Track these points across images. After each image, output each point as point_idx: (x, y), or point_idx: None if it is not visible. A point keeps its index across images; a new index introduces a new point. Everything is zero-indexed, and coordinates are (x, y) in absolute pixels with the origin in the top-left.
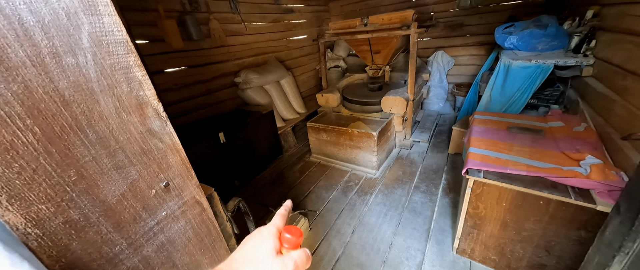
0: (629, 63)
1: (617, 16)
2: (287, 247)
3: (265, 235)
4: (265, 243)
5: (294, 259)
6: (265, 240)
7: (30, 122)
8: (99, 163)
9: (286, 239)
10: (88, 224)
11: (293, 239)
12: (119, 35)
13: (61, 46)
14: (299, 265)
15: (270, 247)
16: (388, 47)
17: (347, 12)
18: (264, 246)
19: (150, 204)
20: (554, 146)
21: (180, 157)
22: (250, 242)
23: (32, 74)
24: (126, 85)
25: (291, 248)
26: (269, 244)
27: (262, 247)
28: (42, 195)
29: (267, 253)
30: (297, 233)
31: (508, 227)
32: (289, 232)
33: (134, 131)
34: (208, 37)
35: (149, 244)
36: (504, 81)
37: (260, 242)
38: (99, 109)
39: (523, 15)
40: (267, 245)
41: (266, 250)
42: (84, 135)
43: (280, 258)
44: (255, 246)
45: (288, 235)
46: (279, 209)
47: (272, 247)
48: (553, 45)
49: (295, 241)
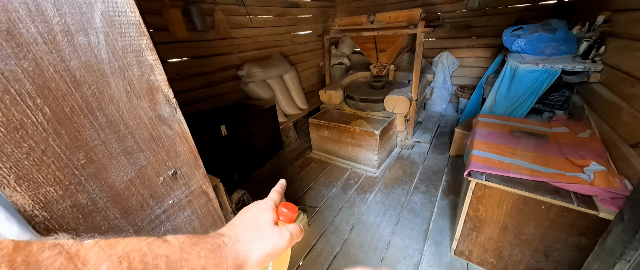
0: (639, 71)
1: (629, 22)
2: (283, 220)
3: (264, 207)
4: (264, 213)
5: (290, 230)
6: (264, 211)
7: (41, 102)
8: (108, 147)
9: (283, 213)
10: (96, 209)
11: (289, 213)
12: (131, 16)
13: (73, 24)
14: (294, 235)
15: (269, 217)
16: (393, 46)
17: (353, 9)
18: (263, 216)
19: (158, 192)
20: (557, 152)
21: (188, 146)
22: (249, 212)
23: (43, 51)
24: (137, 68)
25: (287, 221)
26: (267, 214)
27: (261, 216)
28: (51, 178)
29: (266, 222)
30: (293, 209)
31: (508, 231)
32: (286, 207)
33: (143, 116)
34: (212, 28)
35: (154, 232)
36: (509, 84)
37: (260, 212)
38: (109, 92)
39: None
40: (266, 215)
41: (265, 220)
42: (94, 118)
43: (278, 228)
44: (255, 214)
45: (285, 209)
46: (275, 186)
47: (270, 218)
48: (561, 49)
49: (291, 215)
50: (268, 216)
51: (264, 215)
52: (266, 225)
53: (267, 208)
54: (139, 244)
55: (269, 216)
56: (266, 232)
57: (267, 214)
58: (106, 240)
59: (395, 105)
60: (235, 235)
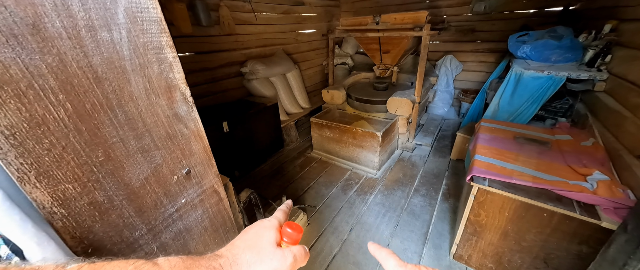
0: None
1: (636, 32)
2: (287, 241)
3: (267, 226)
4: (266, 233)
5: (294, 253)
6: (266, 231)
7: (63, 98)
8: (126, 145)
9: (287, 233)
10: (112, 207)
11: (294, 234)
12: (153, 12)
13: (97, 20)
14: (297, 259)
15: (272, 237)
16: (398, 48)
17: (357, 9)
18: (265, 236)
19: (172, 190)
20: (560, 159)
21: (203, 145)
22: (251, 231)
23: (67, 46)
24: (157, 66)
25: (291, 243)
26: (270, 234)
27: (263, 236)
28: (70, 174)
29: (268, 243)
30: (298, 229)
31: (508, 237)
32: (291, 227)
33: (161, 114)
34: (217, 24)
35: (167, 230)
36: (514, 90)
37: (262, 231)
38: (129, 89)
39: (537, 25)
40: (269, 235)
41: (267, 240)
42: (113, 115)
43: (281, 249)
44: (256, 234)
45: (289, 229)
46: (281, 205)
47: (273, 238)
48: (567, 57)
49: (295, 236)
50: (270, 236)
51: (266, 234)
52: (268, 246)
53: (270, 227)
54: (126, 268)
55: (271, 236)
56: (267, 254)
57: (269, 233)
58: (90, 264)
59: (397, 107)
60: (234, 256)
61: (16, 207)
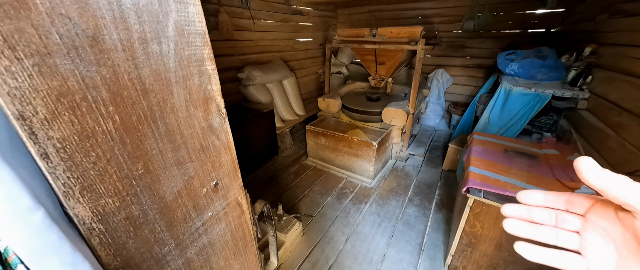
0: (625, 102)
1: (614, 56)
2: None
3: None
4: None
5: None
6: None
7: (113, 110)
8: (164, 157)
9: None
10: (145, 221)
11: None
12: (199, 26)
13: (149, 32)
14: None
15: None
16: (393, 60)
17: (353, 21)
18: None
19: (200, 204)
20: (549, 173)
21: (231, 156)
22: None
23: (121, 58)
24: (198, 78)
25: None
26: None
27: None
28: (111, 188)
29: None
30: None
31: (502, 248)
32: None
33: (197, 126)
34: (216, 29)
35: (193, 245)
36: (503, 105)
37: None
38: (171, 101)
39: (523, 44)
40: None
41: None
42: (155, 127)
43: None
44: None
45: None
46: None
47: None
48: (551, 76)
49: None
50: None
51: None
52: None
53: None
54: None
55: None
56: None
57: None
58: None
59: (392, 118)
60: None
61: (55, 225)
